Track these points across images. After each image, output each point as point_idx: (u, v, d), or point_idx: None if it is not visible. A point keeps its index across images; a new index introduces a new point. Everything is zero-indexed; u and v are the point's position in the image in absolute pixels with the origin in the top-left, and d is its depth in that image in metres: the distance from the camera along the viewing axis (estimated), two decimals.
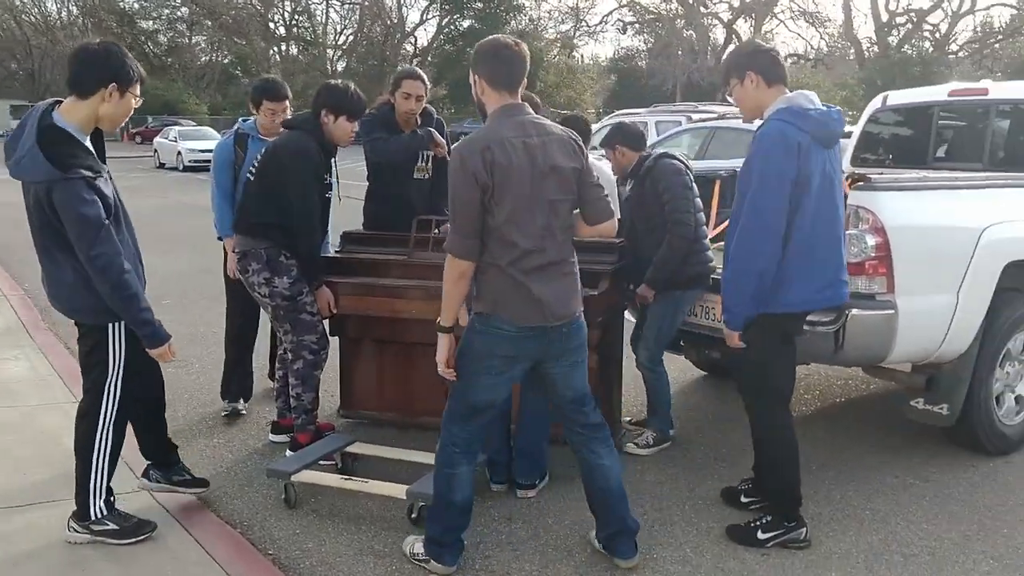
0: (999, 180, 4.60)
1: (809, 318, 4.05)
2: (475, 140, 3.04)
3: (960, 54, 45.21)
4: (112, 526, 3.45)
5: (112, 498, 3.54)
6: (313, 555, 3.49)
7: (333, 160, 4.35)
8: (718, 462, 4.44)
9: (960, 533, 3.67)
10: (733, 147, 11.47)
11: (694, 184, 4.39)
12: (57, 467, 4.19)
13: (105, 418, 3.41)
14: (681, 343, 4.84)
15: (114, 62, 3.18)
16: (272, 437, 4.69)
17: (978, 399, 4.31)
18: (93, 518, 3.42)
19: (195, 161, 27.97)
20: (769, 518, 3.57)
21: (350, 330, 4.78)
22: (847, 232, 3.99)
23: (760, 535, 3.53)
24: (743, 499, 3.87)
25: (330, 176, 4.30)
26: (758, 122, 3.47)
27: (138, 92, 3.29)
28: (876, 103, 6.34)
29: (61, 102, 3.22)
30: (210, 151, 28.82)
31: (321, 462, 4.07)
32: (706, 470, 4.34)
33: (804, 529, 3.55)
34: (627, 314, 4.78)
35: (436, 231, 4.60)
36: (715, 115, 13.34)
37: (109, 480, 3.49)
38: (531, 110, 3.19)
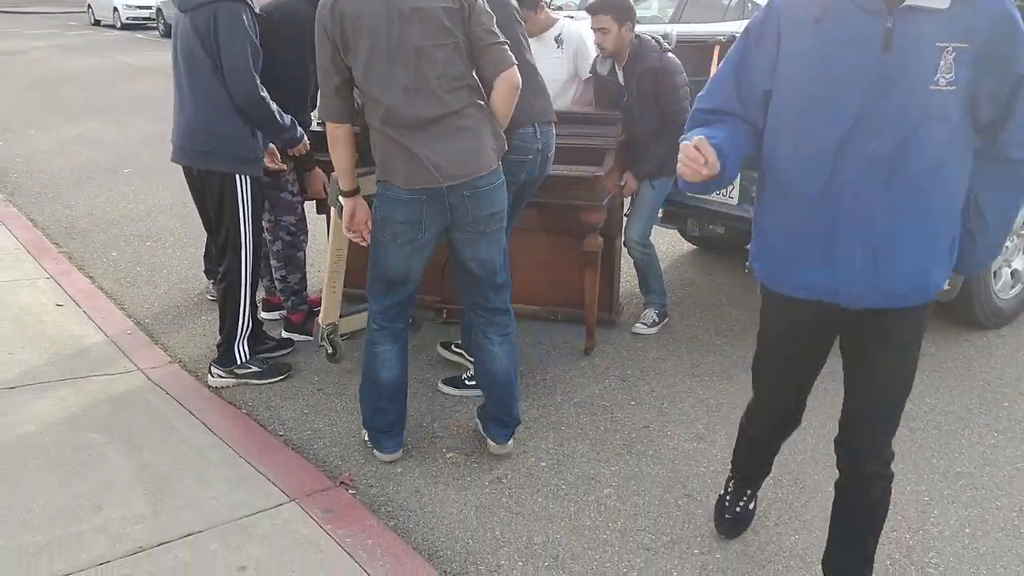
0: None
1: None
2: None
3: None
4: (255, 368, 3.81)
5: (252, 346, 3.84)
6: (325, 436, 3.42)
7: None
8: (719, 336, 4.44)
9: (962, 407, 3.74)
10: (709, 11, 11.09)
11: None
12: (42, 346, 4.04)
13: (246, 269, 3.64)
14: (687, 219, 4.75)
15: None
16: (263, 314, 4.54)
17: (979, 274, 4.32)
18: (238, 362, 3.76)
19: (133, 19, 26.40)
20: None
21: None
22: None
23: None
24: None
25: None
26: None
27: None
28: None
29: None
30: (149, 7, 26.96)
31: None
32: (708, 345, 4.33)
33: None
34: None
35: None
36: None
37: (252, 327, 3.79)
38: None
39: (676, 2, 11.57)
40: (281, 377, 3.84)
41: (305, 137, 3.84)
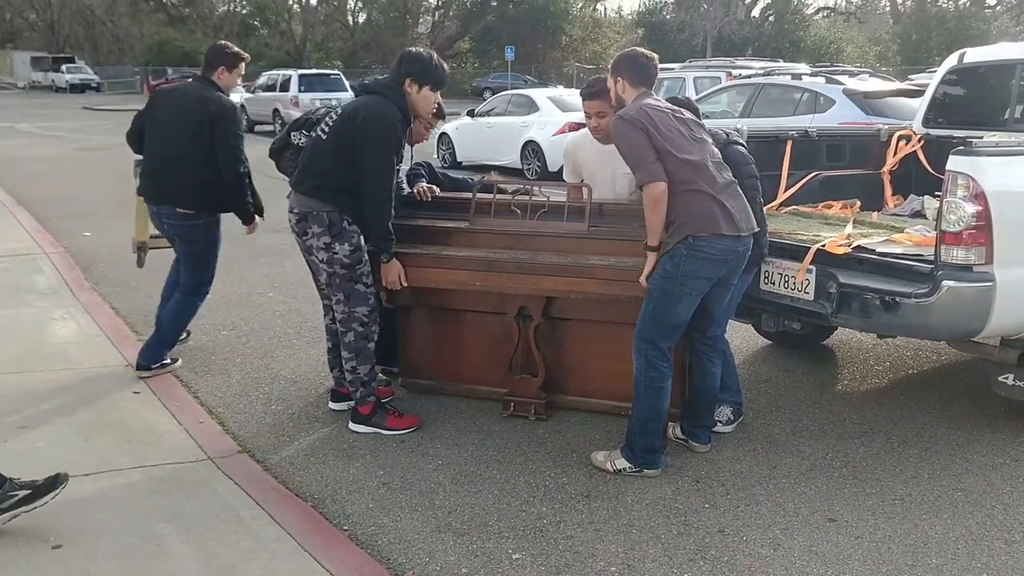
0: None
1: (901, 289, 3.89)
2: (630, 107, 3.69)
3: (998, 8, 43.97)
4: (22, 493, 3.14)
5: None
6: (390, 531, 3.37)
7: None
8: (796, 436, 4.28)
9: None
10: (779, 105, 11.14)
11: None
12: (117, 433, 4.13)
13: None
14: (761, 314, 4.66)
15: None
16: (332, 405, 4.57)
17: None
18: None
19: None
20: None
21: (403, 298, 4.59)
22: (944, 199, 3.80)
23: None
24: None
25: (403, 149, 4.12)
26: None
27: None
28: (952, 61, 6.03)
29: None
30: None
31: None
32: (784, 445, 4.18)
33: None
34: None
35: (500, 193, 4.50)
36: (758, 71, 12.96)
37: None
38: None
39: (746, 97, 11.65)
40: (55, 492, 3.17)
41: None
